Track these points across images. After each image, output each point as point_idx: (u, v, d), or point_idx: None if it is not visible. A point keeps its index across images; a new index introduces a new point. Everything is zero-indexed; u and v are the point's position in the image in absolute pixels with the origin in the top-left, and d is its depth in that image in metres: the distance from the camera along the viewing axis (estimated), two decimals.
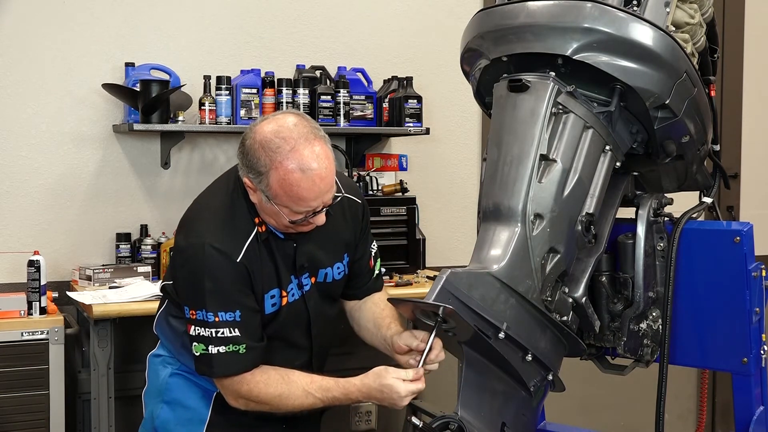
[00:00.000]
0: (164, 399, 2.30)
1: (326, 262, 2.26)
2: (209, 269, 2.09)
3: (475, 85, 2.20)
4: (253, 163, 2.05)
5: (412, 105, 3.72)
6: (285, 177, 2.01)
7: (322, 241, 2.23)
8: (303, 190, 2.02)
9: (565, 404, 2.91)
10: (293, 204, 2.05)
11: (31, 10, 3.46)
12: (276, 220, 2.11)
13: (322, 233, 2.20)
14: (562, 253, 1.94)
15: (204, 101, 3.47)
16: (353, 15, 3.94)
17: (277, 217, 2.09)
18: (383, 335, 2.26)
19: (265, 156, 2.02)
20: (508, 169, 1.95)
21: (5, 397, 2.98)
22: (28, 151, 3.47)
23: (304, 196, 2.03)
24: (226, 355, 2.09)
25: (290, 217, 2.07)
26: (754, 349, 2.09)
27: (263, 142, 2.04)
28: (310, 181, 2.01)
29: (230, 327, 2.09)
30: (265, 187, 2.05)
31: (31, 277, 3.07)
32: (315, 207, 2.07)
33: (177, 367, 2.30)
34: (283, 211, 2.07)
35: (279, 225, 2.13)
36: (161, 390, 2.31)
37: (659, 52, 1.94)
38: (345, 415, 3.95)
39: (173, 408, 2.29)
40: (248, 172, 2.07)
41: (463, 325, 1.82)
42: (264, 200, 2.08)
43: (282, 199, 2.04)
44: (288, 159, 2.01)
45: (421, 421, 1.87)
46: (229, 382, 2.14)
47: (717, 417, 4.75)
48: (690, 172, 2.22)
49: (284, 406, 2.13)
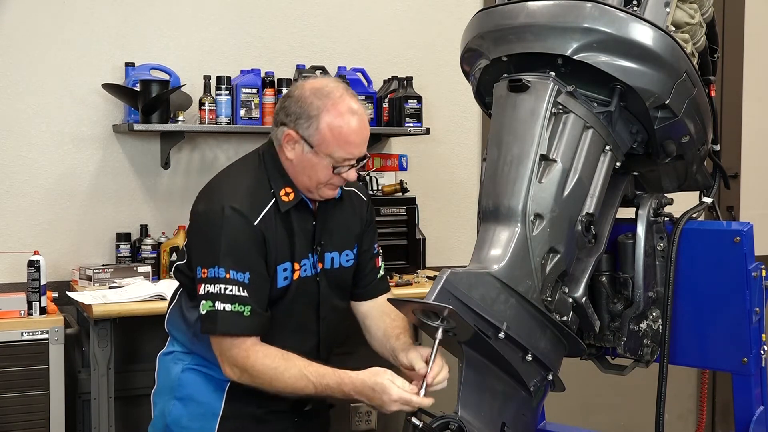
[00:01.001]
0: (176, 395, 2.30)
1: (337, 245, 2.32)
2: (226, 228, 2.15)
3: (475, 85, 2.20)
4: (303, 108, 2.16)
5: (412, 105, 3.72)
6: (336, 118, 2.14)
7: (335, 225, 2.31)
8: (352, 132, 2.15)
9: (565, 404, 2.91)
10: (339, 147, 2.14)
11: (31, 10, 3.46)
12: (311, 177, 2.19)
13: (338, 218, 2.31)
14: (562, 253, 1.94)
15: (204, 101, 3.47)
16: (353, 15, 3.94)
17: (314, 171, 2.17)
18: (392, 346, 2.28)
19: (318, 100, 2.15)
20: (508, 169, 1.95)
21: (5, 397, 2.98)
22: (28, 151, 3.48)
23: (352, 139, 2.15)
24: (231, 314, 2.12)
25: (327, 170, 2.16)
26: (754, 349, 2.09)
27: (314, 90, 2.17)
28: (359, 124, 2.16)
29: (239, 287, 2.13)
30: (313, 131, 2.14)
31: (31, 277, 3.07)
32: (355, 155, 2.17)
33: (189, 362, 2.31)
34: (323, 162, 2.15)
35: (312, 182, 2.19)
36: (173, 387, 2.31)
37: (659, 52, 1.94)
38: (345, 415, 3.95)
39: (186, 404, 2.29)
40: (296, 120, 2.17)
41: (463, 325, 1.82)
42: (306, 150, 2.16)
43: (329, 143, 2.14)
44: (340, 103, 2.15)
45: (421, 421, 1.87)
46: (229, 345, 2.15)
47: (717, 417, 4.75)
48: (690, 172, 2.22)
49: (278, 382, 2.13)
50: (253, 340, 2.15)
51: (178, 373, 2.31)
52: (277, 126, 2.22)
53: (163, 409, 2.33)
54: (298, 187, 2.23)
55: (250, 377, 2.15)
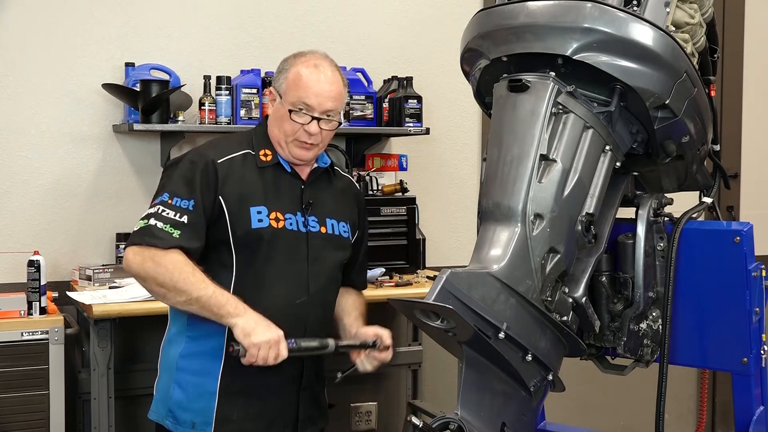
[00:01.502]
0: (175, 379, 2.34)
1: (332, 213, 2.42)
2: (185, 163, 2.30)
3: (475, 85, 2.20)
4: (281, 66, 2.37)
5: (412, 105, 3.72)
6: (299, 69, 2.33)
7: (330, 196, 2.44)
8: (310, 81, 2.30)
9: (565, 404, 2.91)
10: (296, 93, 2.30)
11: (31, 11, 3.46)
12: (280, 128, 2.33)
13: (329, 190, 2.44)
14: (562, 253, 1.94)
15: (204, 101, 3.47)
16: (353, 15, 3.94)
17: (281, 122, 2.32)
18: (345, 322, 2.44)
19: (293, 58, 2.37)
20: (508, 169, 1.95)
21: (5, 397, 2.98)
22: (28, 151, 3.48)
23: (308, 85, 2.30)
24: (161, 230, 2.21)
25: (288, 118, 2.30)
26: (754, 349, 2.09)
27: (296, 53, 2.39)
28: (318, 75, 2.31)
29: (179, 213, 2.23)
30: (281, 82, 2.34)
31: (31, 277, 3.07)
32: (313, 105, 2.29)
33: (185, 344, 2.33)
34: (286, 111, 2.30)
35: (281, 134, 2.33)
36: (171, 371, 2.35)
37: (659, 52, 1.94)
38: (345, 415, 3.95)
39: (184, 387, 2.32)
40: (275, 77, 2.38)
41: (463, 325, 1.82)
42: (277, 101, 2.35)
43: (291, 90, 2.31)
44: (310, 59, 2.35)
45: (421, 421, 1.87)
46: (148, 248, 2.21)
47: (717, 417, 4.75)
48: (690, 172, 2.22)
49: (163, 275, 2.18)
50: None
51: (175, 357, 2.34)
52: None
53: (164, 394, 2.36)
54: (273, 142, 2.36)
55: (141, 269, 2.21)
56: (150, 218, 2.24)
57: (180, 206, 2.24)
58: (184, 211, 2.23)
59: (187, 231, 2.22)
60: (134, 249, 2.23)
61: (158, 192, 2.30)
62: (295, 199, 2.36)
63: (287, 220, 2.33)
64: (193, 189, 2.25)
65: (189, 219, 2.23)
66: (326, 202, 2.42)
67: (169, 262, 2.19)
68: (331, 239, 2.41)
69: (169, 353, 2.38)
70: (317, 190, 2.41)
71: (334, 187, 2.47)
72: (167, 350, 2.39)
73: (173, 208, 2.23)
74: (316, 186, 2.41)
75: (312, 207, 2.38)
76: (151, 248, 2.20)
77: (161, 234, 2.21)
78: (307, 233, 2.36)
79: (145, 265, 2.20)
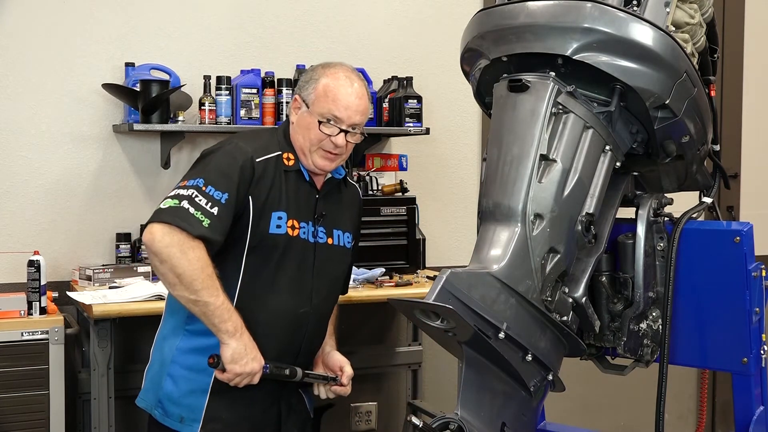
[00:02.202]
0: (168, 372, 2.33)
1: (340, 224, 2.45)
2: (224, 154, 2.28)
3: (475, 85, 2.20)
4: (309, 75, 2.38)
5: (412, 105, 3.72)
6: (330, 81, 2.33)
7: (339, 207, 2.46)
8: (341, 94, 2.32)
9: (565, 404, 2.91)
10: (326, 105, 2.31)
11: (31, 11, 3.46)
12: (305, 137, 2.33)
13: (339, 201, 2.46)
14: (562, 253, 1.94)
15: (204, 101, 3.47)
16: (353, 15, 3.94)
17: (307, 130, 2.33)
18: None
19: (322, 69, 2.37)
20: (508, 169, 1.95)
21: (5, 397, 2.98)
22: (28, 151, 3.48)
23: (338, 98, 2.31)
24: (192, 215, 2.16)
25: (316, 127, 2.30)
26: (754, 349, 2.09)
27: (323, 64, 2.40)
28: (348, 88, 2.33)
29: (212, 202, 2.19)
30: (311, 91, 2.34)
31: (31, 277, 3.07)
32: (342, 118, 2.31)
33: (181, 339, 2.33)
34: (314, 121, 2.31)
35: (305, 143, 2.33)
36: (165, 363, 2.34)
37: (659, 52, 1.94)
38: (345, 415, 3.95)
39: (176, 381, 2.32)
40: (301, 86, 2.38)
41: (463, 325, 1.82)
42: (303, 110, 2.35)
43: (320, 101, 2.32)
44: (339, 71, 2.36)
45: (421, 421, 1.87)
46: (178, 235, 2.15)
47: (717, 417, 4.75)
48: (690, 172, 2.22)
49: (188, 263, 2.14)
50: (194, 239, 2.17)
51: (171, 350, 2.34)
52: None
53: (155, 383, 2.36)
54: (296, 149, 2.36)
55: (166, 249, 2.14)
56: (182, 200, 2.18)
57: (213, 196, 2.19)
58: (216, 203, 2.19)
59: (215, 223, 2.18)
60: (162, 227, 2.15)
61: (192, 175, 2.26)
62: (310, 208, 2.37)
63: (302, 228, 2.34)
64: (230, 183, 2.22)
65: (219, 212, 2.19)
66: (336, 213, 2.44)
67: (195, 256, 2.15)
68: (336, 251, 2.43)
69: (165, 345, 2.37)
70: (330, 201, 2.43)
71: (344, 197, 2.49)
72: (163, 341, 2.38)
73: (206, 197, 2.19)
74: (329, 197, 2.43)
75: (323, 218, 2.39)
76: (180, 232, 2.14)
77: (192, 219, 2.16)
78: (315, 244, 2.37)
79: (170, 249, 2.14)
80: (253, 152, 2.29)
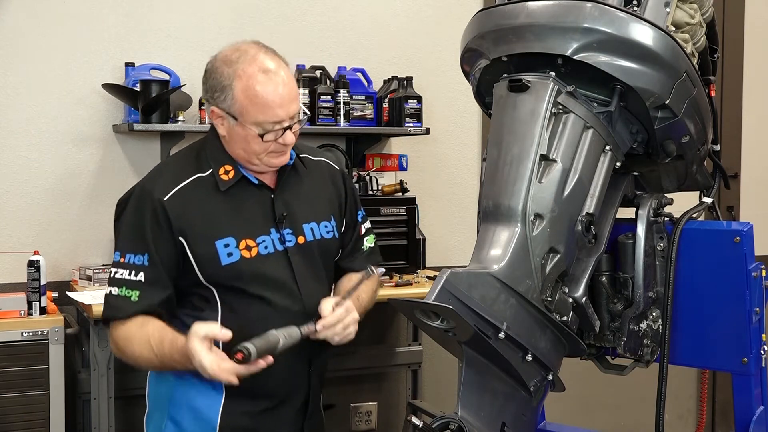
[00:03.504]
0: (170, 415, 2.17)
1: (309, 216, 2.19)
2: (130, 208, 2.10)
3: (475, 85, 2.19)
4: (217, 80, 2.06)
5: (412, 105, 3.72)
6: (248, 83, 2.02)
7: (303, 196, 2.20)
8: (268, 93, 2.02)
9: (565, 404, 2.91)
10: (260, 113, 2.02)
11: (31, 10, 3.46)
12: (246, 149, 2.07)
13: (302, 189, 2.19)
14: (562, 253, 1.94)
15: (204, 101, 3.47)
16: (353, 15, 3.94)
17: (246, 143, 2.06)
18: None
19: (227, 68, 2.05)
20: (508, 169, 1.95)
21: (5, 397, 2.98)
22: (28, 151, 3.48)
23: (270, 100, 2.02)
24: (117, 298, 2.07)
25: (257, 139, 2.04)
26: (754, 349, 2.09)
27: (224, 58, 2.08)
28: (273, 84, 2.02)
29: (133, 270, 2.05)
30: (231, 102, 2.04)
31: (31, 277, 3.07)
32: (281, 118, 2.04)
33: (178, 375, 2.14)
34: (251, 131, 2.04)
35: (250, 155, 2.08)
36: (164, 406, 2.18)
37: (659, 52, 1.94)
38: (345, 415, 3.95)
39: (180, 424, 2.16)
40: (213, 94, 2.07)
41: (463, 325, 1.82)
42: (232, 123, 2.06)
43: (249, 111, 2.03)
44: (249, 65, 2.03)
45: (421, 421, 1.87)
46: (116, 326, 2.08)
47: (717, 417, 4.75)
48: (690, 172, 2.22)
49: (130, 352, 2.05)
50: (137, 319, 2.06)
51: (168, 391, 2.17)
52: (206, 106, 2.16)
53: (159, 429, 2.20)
54: (239, 161, 2.11)
55: (116, 349, 2.10)
56: (110, 286, 2.09)
57: (135, 263, 2.05)
58: (140, 268, 2.05)
59: (146, 290, 2.05)
60: (110, 331, 2.11)
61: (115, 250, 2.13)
62: (266, 215, 2.12)
63: (260, 245, 2.09)
64: (145, 241, 2.05)
65: (146, 276, 2.05)
66: (300, 205, 2.18)
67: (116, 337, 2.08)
68: (312, 247, 2.17)
69: (159, 387, 2.21)
70: (288, 195, 2.16)
71: (307, 181, 2.21)
72: (156, 383, 2.22)
73: (127, 267, 2.06)
74: (286, 190, 2.16)
75: (286, 218, 2.14)
76: (114, 324, 2.08)
77: (118, 302, 2.06)
78: (285, 251, 2.12)
79: (119, 351, 2.09)
80: (161, 191, 2.06)
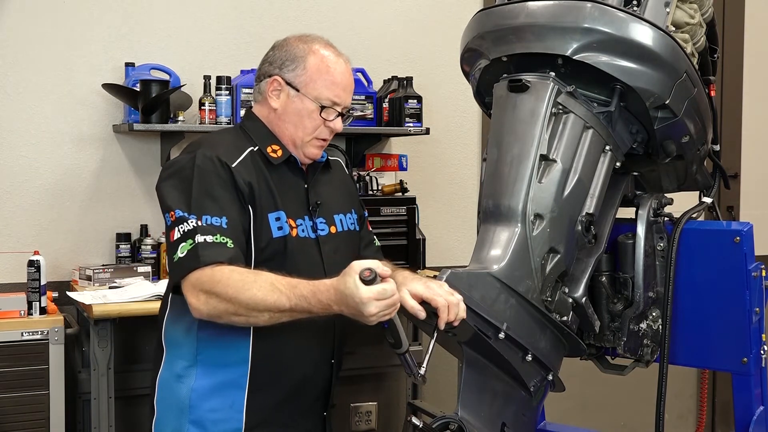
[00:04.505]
0: (190, 419, 2.06)
1: (340, 207, 2.22)
2: (199, 172, 2.01)
3: (475, 85, 2.20)
4: (289, 52, 2.12)
5: (412, 105, 3.72)
6: (322, 59, 2.11)
7: (331, 189, 2.24)
8: (338, 73, 2.12)
9: (565, 404, 2.91)
10: (326, 88, 2.10)
11: (31, 11, 3.46)
12: (297, 125, 2.11)
13: (329, 184, 2.24)
14: (562, 254, 1.94)
15: (204, 101, 3.47)
16: (353, 15, 3.94)
17: (299, 118, 2.10)
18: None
19: (303, 44, 2.13)
20: (508, 169, 1.95)
21: (5, 397, 2.98)
22: (28, 151, 3.47)
23: (338, 80, 2.11)
24: (214, 245, 1.93)
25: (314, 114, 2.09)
26: (754, 349, 2.09)
27: (298, 37, 2.16)
28: (342, 68, 2.14)
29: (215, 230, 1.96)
30: (300, 72, 2.10)
31: (31, 277, 3.07)
32: (342, 100, 2.12)
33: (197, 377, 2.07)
34: (310, 105, 2.09)
35: (297, 132, 2.11)
36: (183, 409, 2.07)
37: (659, 52, 1.94)
38: (345, 415, 3.95)
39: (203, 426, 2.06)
40: (281, 65, 2.12)
41: (463, 325, 1.82)
42: (292, 95, 2.10)
43: (316, 83, 2.09)
44: (323, 48, 2.14)
45: (421, 421, 1.87)
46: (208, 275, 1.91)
47: (717, 417, 4.75)
48: (690, 172, 2.22)
49: (245, 294, 1.87)
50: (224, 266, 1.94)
51: (187, 393, 2.06)
52: (260, 80, 2.15)
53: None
54: (284, 141, 2.12)
55: (216, 298, 1.90)
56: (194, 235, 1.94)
57: (215, 224, 1.96)
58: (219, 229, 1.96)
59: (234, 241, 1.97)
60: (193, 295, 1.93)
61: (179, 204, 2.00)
62: (301, 201, 2.14)
63: (299, 226, 2.10)
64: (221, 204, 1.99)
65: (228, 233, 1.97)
66: (330, 197, 2.20)
67: (226, 281, 1.89)
68: (342, 238, 2.19)
69: (176, 390, 2.08)
70: (320, 186, 2.19)
71: (332, 177, 2.26)
72: (172, 386, 2.09)
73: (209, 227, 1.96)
74: (318, 182, 2.19)
75: (319, 208, 2.16)
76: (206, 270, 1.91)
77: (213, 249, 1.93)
78: (317, 239, 2.12)
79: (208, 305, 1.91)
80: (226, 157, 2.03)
